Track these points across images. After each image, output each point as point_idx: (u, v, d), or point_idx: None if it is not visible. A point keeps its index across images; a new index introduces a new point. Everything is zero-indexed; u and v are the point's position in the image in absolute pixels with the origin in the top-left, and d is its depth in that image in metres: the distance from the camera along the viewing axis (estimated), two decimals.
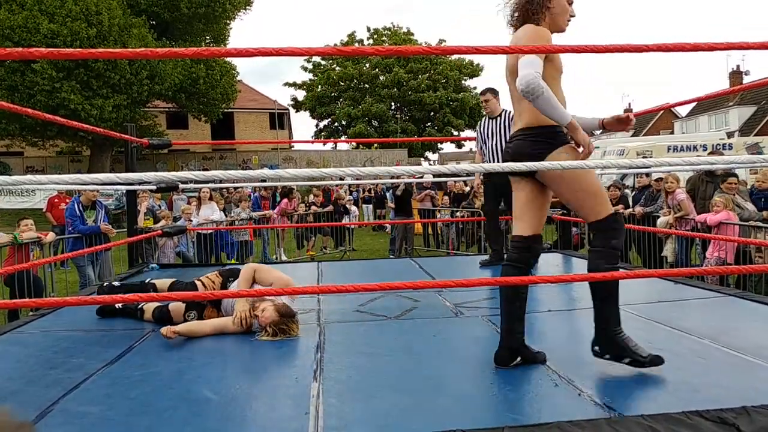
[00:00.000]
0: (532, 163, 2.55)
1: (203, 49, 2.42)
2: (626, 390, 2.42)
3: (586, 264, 2.86)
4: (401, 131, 40.51)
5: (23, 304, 4.94)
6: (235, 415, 2.30)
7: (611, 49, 2.76)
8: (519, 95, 2.65)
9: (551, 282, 2.97)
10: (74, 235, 7.18)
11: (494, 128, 5.77)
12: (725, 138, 20.53)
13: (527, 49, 2.52)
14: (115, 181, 2.69)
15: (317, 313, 3.99)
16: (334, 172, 2.73)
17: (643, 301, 4.03)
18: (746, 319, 3.56)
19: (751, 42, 2.67)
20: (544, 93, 2.47)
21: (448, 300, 4.24)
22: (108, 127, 17.26)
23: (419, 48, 2.67)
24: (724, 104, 35.51)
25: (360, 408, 2.34)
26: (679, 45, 2.53)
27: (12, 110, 3.51)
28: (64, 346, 3.34)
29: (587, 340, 3.40)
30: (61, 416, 2.32)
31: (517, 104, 2.82)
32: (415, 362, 2.94)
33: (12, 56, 2.20)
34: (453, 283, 3.17)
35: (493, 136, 5.76)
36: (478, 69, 42.47)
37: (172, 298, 3.63)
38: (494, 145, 5.75)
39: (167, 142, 7.27)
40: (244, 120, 40.54)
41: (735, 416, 2.08)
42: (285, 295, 3.25)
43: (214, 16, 27.85)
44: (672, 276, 4.61)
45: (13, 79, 21.46)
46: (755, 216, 6.64)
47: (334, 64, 42.25)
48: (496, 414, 2.24)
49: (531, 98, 2.50)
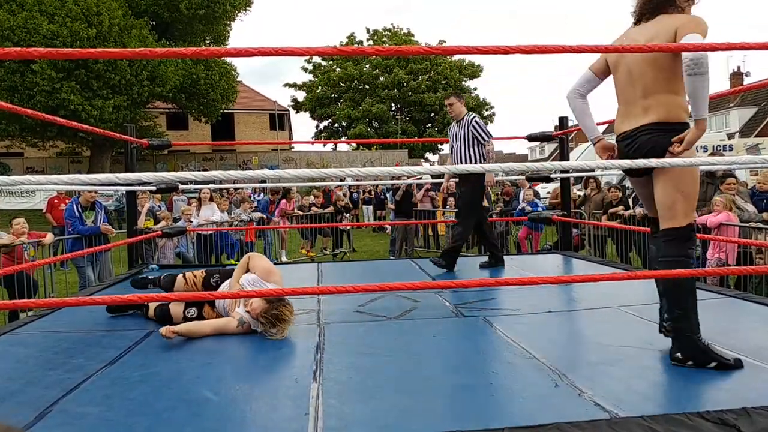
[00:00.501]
0: (534, 164, 2.55)
1: (203, 49, 2.42)
2: (626, 391, 2.41)
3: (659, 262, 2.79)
4: (401, 132, 40.52)
5: (23, 304, 4.92)
6: (235, 416, 2.30)
7: (612, 50, 2.76)
8: (648, 89, 2.65)
9: (551, 283, 2.96)
10: (74, 236, 7.17)
11: (458, 132, 5.75)
12: (725, 139, 20.53)
13: (500, 50, 2.49)
14: (115, 181, 2.69)
15: (317, 314, 3.98)
16: (335, 172, 2.72)
17: (644, 302, 4.02)
18: (747, 321, 3.55)
19: (752, 42, 2.66)
20: (708, 73, 2.43)
21: (448, 301, 4.24)
22: (108, 127, 17.27)
23: (420, 48, 2.67)
24: (724, 105, 35.50)
25: (360, 408, 2.33)
26: (681, 46, 2.53)
27: (12, 111, 3.50)
28: (63, 347, 3.33)
29: (587, 340, 3.40)
30: (61, 417, 2.31)
31: (643, 99, 2.74)
32: (415, 363, 2.93)
33: (11, 56, 2.20)
34: (453, 284, 3.18)
35: (457, 140, 5.74)
36: (478, 70, 42.52)
37: (171, 299, 3.63)
38: (458, 148, 5.73)
39: (167, 142, 7.26)
40: (244, 121, 40.56)
41: (735, 417, 2.08)
42: (286, 295, 3.24)
43: (214, 17, 27.88)
44: (672, 277, 4.60)
45: (12, 80, 21.47)
46: (755, 217, 6.63)
47: (335, 65, 42.28)
48: (496, 414, 2.24)
49: (697, 71, 2.43)
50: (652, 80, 2.68)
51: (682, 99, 2.68)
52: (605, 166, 2.77)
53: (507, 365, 2.83)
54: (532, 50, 2.52)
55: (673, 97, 2.68)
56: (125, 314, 4.08)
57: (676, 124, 2.67)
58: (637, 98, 2.76)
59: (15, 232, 6.48)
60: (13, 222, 6.69)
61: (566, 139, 6.98)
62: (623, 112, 2.86)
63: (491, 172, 5.82)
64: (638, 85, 2.74)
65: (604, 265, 5.91)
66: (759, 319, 3.59)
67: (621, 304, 3.92)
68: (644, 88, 2.72)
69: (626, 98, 2.83)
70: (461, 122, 5.73)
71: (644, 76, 2.71)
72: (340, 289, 2.55)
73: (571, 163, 2.94)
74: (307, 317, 3.88)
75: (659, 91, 2.68)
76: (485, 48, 2.51)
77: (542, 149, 54.90)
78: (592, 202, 9.97)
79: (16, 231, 6.50)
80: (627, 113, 2.82)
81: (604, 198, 9.64)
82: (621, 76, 2.84)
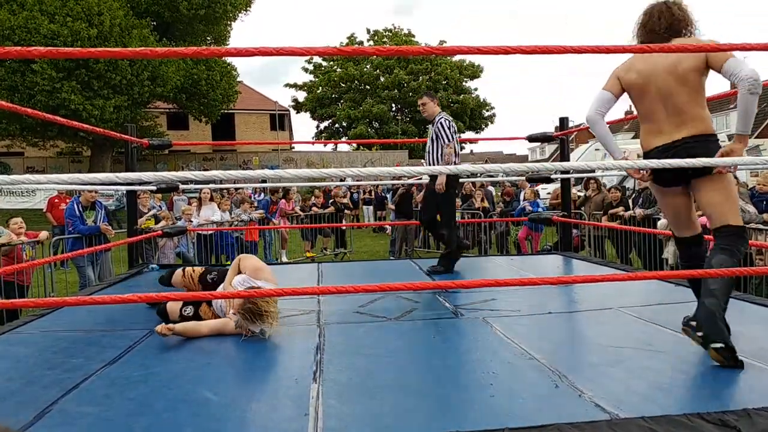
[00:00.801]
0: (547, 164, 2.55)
1: (203, 49, 2.42)
2: (627, 391, 2.41)
3: (708, 255, 2.92)
4: (402, 133, 40.54)
5: (23, 304, 4.93)
6: (235, 416, 2.29)
7: (613, 50, 2.76)
8: (680, 106, 2.87)
9: (552, 283, 2.96)
10: (74, 235, 7.17)
11: (429, 132, 5.65)
12: (726, 140, 20.50)
13: (500, 50, 2.52)
14: (115, 181, 2.68)
15: (317, 314, 3.98)
16: (335, 172, 2.72)
17: (644, 303, 4.02)
18: (747, 322, 3.55)
19: (753, 43, 2.67)
20: (759, 93, 2.67)
21: (447, 301, 4.24)
22: (108, 127, 17.26)
23: (420, 48, 2.67)
24: (725, 106, 35.52)
25: (360, 409, 2.33)
26: (681, 46, 2.53)
27: (12, 110, 3.50)
28: (63, 347, 3.33)
29: (588, 341, 3.39)
30: (60, 417, 2.31)
31: (675, 116, 2.93)
32: (414, 363, 2.93)
33: (11, 55, 2.20)
34: (453, 284, 3.17)
35: (429, 140, 5.62)
36: (478, 70, 42.55)
37: (170, 298, 3.63)
38: (428, 149, 5.62)
39: (168, 142, 7.26)
40: (245, 121, 40.58)
41: (736, 418, 2.07)
42: (286, 295, 3.24)
43: (215, 17, 27.87)
44: (673, 278, 4.60)
45: (13, 80, 21.47)
46: (756, 218, 6.62)
47: (335, 65, 42.30)
48: (496, 415, 2.23)
49: (756, 91, 2.65)
50: (685, 98, 2.88)
51: (708, 113, 2.94)
52: (605, 167, 2.78)
53: (507, 366, 2.82)
54: (533, 50, 2.51)
55: (704, 112, 2.93)
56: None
57: (712, 135, 2.92)
58: (668, 115, 2.94)
59: (12, 232, 6.48)
60: (10, 222, 6.69)
61: (567, 139, 6.98)
62: (653, 129, 3.02)
63: (496, 172, 5.79)
64: (669, 103, 2.93)
65: (604, 265, 5.91)
66: (759, 320, 3.58)
67: (621, 305, 3.91)
68: (675, 105, 2.91)
69: (656, 116, 2.99)
70: (433, 122, 5.63)
71: (676, 94, 2.90)
72: (340, 289, 2.55)
73: (572, 163, 2.94)
74: (307, 318, 3.88)
75: (692, 107, 2.89)
76: (486, 48, 2.51)
77: (543, 150, 54.91)
78: (592, 203, 9.97)
79: (13, 231, 6.51)
80: (658, 130, 2.99)
81: (604, 199, 9.65)
82: (650, 96, 3.00)
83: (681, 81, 2.87)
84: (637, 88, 3.04)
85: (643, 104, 3.05)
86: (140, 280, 5.79)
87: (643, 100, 3.04)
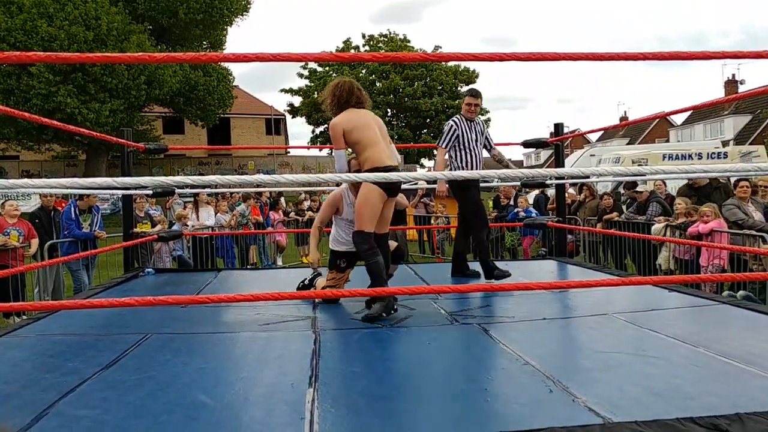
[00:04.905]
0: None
1: (200, 54, 2.44)
2: (620, 396, 2.43)
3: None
4: (397, 137, 40.55)
5: (20, 307, 4.92)
6: (231, 421, 2.30)
7: (606, 57, 2.79)
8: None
9: (546, 289, 2.98)
10: (69, 239, 7.17)
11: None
12: (720, 147, 20.60)
13: (495, 56, 2.55)
14: (113, 185, 2.69)
15: (313, 321, 3.99)
16: (331, 177, 2.74)
17: (637, 309, 4.04)
18: (739, 328, 3.57)
19: (746, 51, 2.70)
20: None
21: (443, 308, 4.25)
22: (104, 131, 17.28)
23: (416, 54, 2.69)
24: (719, 113, 35.71)
25: (355, 415, 2.34)
26: (674, 54, 2.56)
27: (8, 114, 3.51)
28: (59, 350, 3.33)
29: (582, 347, 3.42)
30: (57, 420, 2.31)
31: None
32: (410, 369, 2.94)
33: (10, 60, 2.21)
34: (448, 289, 3.19)
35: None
36: (473, 75, 42.59)
37: (168, 302, 3.62)
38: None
39: (163, 147, 7.27)
40: (241, 125, 40.57)
41: (728, 423, 2.09)
42: (282, 299, 3.25)
43: (212, 21, 27.87)
44: (666, 284, 4.63)
45: (8, 83, 21.43)
46: (758, 225, 6.57)
47: (331, 70, 42.30)
48: (491, 420, 2.25)
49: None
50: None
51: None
52: (600, 173, 2.80)
53: (502, 371, 2.84)
54: (527, 57, 2.54)
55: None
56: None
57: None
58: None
59: (7, 213, 6.56)
60: (6, 204, 6.76)
61: (561, 145, 7.02)
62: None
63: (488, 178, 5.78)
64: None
65: (599, 271, 5.92)
66: (752, 326, 3.61)
67: (615, 311, 3.93)
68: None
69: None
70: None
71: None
72: (336, 293, 2.56)
73: (566, 170, 2.97)
74: (303, 324, 3.89)
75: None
76: (481, 55, 2.54)
77: (537, 155, 55.04)
78: (586, 209, 10.01)
79: (8, 212, 6.58)
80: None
81: (598, 205, 9.68)
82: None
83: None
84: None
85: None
86: (136, 284, 5.78)
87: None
